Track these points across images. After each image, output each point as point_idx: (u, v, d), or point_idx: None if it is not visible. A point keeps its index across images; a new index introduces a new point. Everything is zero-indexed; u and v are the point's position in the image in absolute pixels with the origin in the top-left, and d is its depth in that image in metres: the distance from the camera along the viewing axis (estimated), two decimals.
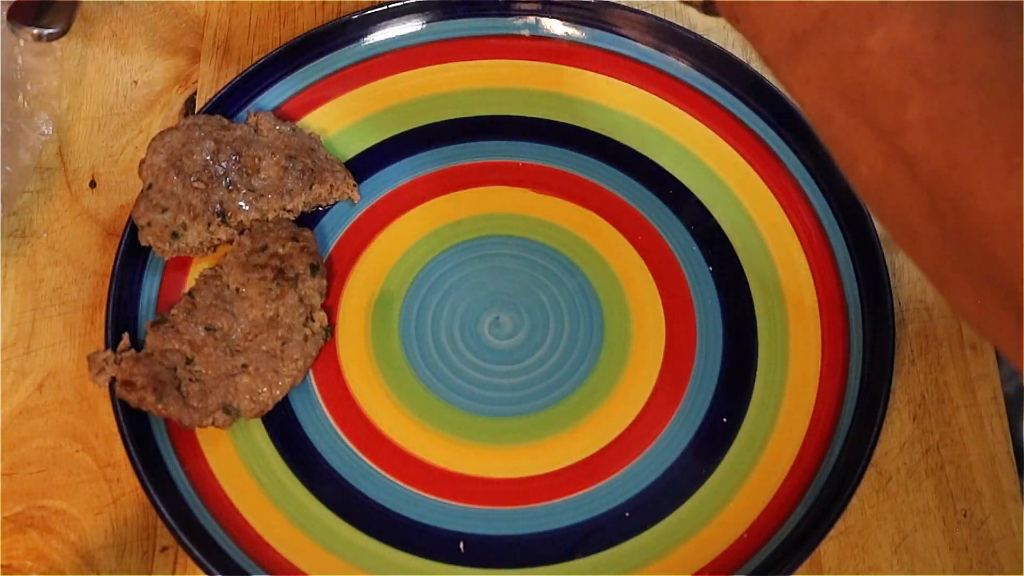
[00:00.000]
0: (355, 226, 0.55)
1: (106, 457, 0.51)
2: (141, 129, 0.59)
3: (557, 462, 0.50)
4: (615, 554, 0.48)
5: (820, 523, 0.47)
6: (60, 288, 0.55)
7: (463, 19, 0.60)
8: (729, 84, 0.58)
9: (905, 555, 0.48)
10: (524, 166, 0.56)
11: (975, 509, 0.49)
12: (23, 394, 0.52)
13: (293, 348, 0.50)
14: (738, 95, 0.57)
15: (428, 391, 0.51)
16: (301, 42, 0.58)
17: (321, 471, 0.50)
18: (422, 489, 0.49)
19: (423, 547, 0.48)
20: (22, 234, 0.56)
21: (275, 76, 0.58)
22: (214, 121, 0.55)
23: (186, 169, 0.53)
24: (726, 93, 0.58)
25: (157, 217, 0.52)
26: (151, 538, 0.49)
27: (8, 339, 0.54)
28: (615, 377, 0.51)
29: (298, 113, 0.58)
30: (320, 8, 0.63)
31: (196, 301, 0.51)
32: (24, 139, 0.56)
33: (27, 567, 0.48)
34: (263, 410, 0.50)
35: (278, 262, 0.52)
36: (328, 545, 0.48)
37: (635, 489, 0.49)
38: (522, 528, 0.48)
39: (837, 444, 0.49)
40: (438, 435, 0.50)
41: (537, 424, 0.51)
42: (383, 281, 0.54)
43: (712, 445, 0.50)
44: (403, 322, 0.53)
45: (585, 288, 0.54)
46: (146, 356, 0.49)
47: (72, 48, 0.61)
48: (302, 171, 0.54)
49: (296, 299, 0.51)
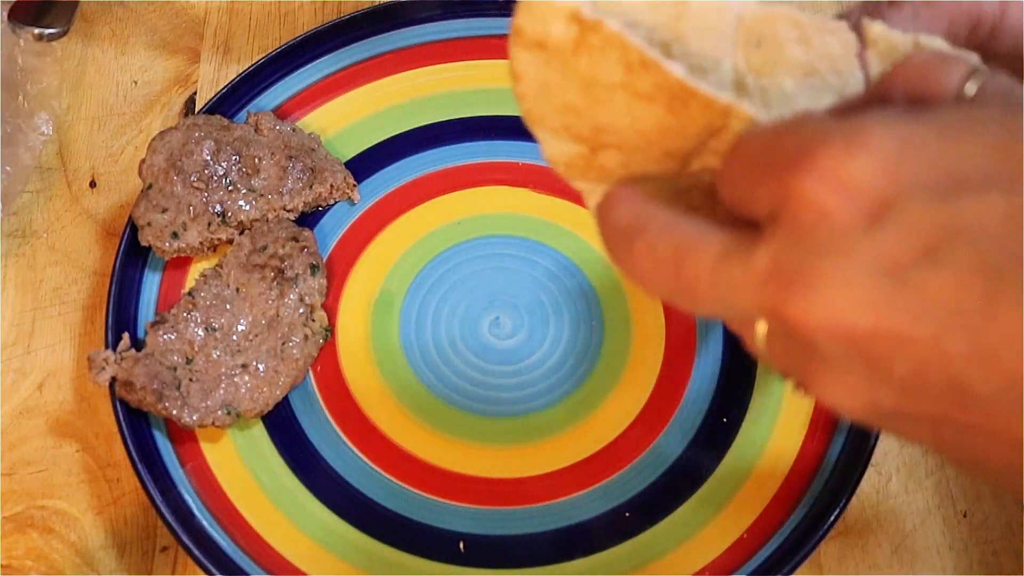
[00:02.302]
0: (355, 226, 0.55)
1: (106, 457, 0.51)
2: (141, 129, 0.59)
3: (557, 462, 0.50)
4: (615, 554, 0.48)
5: (820, 523, 0.46)
6: (60, 288, 0.55)
7: (463, 19, 0.60)
8: None
9: (905, 555, 0.48)
10: (524, 166, 0.56)
11: (975, 509, 0.49)
12: (23, 394, 0.52)
13: (293, 348, 0.50)
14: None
15: (428, 391, 0.51)
16: (301, 42, 0.58)
17: (321, 471, 0.50)
18: (422, 489, 0.49)
19: (423, 547, 0.48)
20: (22, 234, 0.56)
21: (275, 76, 0.58)
22: (214, 121, 0.55)
23: (186, 169, 0.53)
24: None
25: (157, 217, 0.52)
26: (151, 538, 0.49)
27: (8, 339, 0.54)
28: (615, 377, 0.51)
29: (298, 113, 0.58)
30: (320, 8, 0.63)
31: (196, 301, 0.51)
32: (24, 139, 0.56)
33: (27, 567, 0.48)
34: (263, 410, 0.50)
35: (278, 262, 0.52)
36: (328, 545, 0.48)
37: (635, 489, 0.49)
38: (522, 528, 0.48)
39: (837, 444, 0.49)
40: (438, 435, 0.50)
41: (537, 424, 0.51)
42: (383, 281, 0.54)
43: (712, 445, 0.50)
44: (403, 322, 0.53)
45: (585, 288, 0.54)
46: (146, 356, 0.49)
47: (72, 48, 0.61)
48: (302, 171, 0.54)
49: (296, 299, 0.51)
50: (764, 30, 0.34)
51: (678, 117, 0.31)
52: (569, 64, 0.30)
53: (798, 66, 0.34)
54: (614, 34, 0.29)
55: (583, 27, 0.29)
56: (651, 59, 0.29)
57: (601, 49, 0.30)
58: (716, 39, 0.33)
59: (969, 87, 0.27)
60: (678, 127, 0.31)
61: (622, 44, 0.29)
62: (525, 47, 0.31)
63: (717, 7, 0.33)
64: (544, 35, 0.30)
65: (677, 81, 0.30)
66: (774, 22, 0.34)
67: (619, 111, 0.31)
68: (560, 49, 0.30)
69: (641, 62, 0.30)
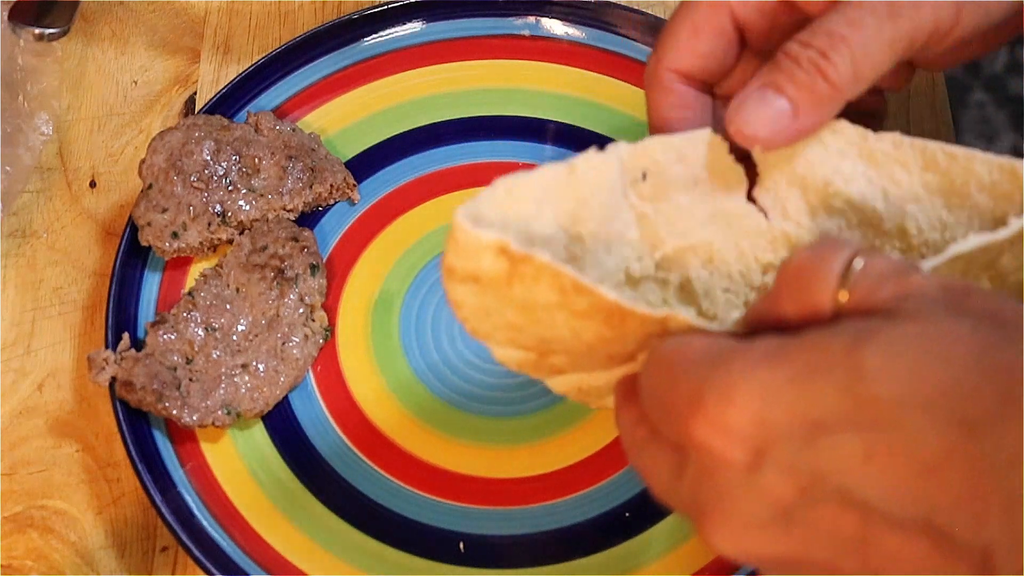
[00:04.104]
0: (355, 226, 0.55)
1: (106, 457, 0.51)
2: (141, 129, 0.59)
3: (557, 462, 0.50)
4: (615, 554, 0.48)
5: None
6: (60, 288, 0.55)
7: (463, 19, 0.60)
8: None
9: None
10: (524, 166, 0.56)
11: None
12: (23, 394, 0.52)
13: (293, 348, 0.50)
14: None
15: (428, 391, 0.51)
16: (301, 42, 0.58)
17: (321, 471, 0.49)
18: (422, 489, 0.49)
19: (423, 547, 0.48)
20: (22, 234, 0.56)
21: (275, 76, 0.58)
22: (214, 121, 0.55)
23: (186, 169, 0.53)
24: None
25: (157, 217, 0.52)
26: (151, 538, 0.49)
27: (8, 339, 0.54)
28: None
29: (298, 113, 0.58)
30: (320, 8, 0.63)
31: (196, 301, 0.51)
32: (24, 139, 0.56)
33: (27, 567, 0.48)
34: (263, 410, 0.50)
35: (278, 262, 0.52)
36: (328, 545, 0.48)
37: (635, 489, 0.49)
38: (522, 528, 0.48)
39: None
40: (438, 435, 0.50)
41: (537, 424, 0.51)
42: (383, 281, 0.54)
43: None
44: (403, 322, 0.53)
45: None
46: (146, 356, 0.49)
47: (72, 48, 0.61)
48: (302, 171, 0.54)
49: (296, 299, 0.51)
50: (643, 163, 0.37)
51: (617, 330, 0.32)
52: (504, 292, 0.31)
53: (683, 181, 0.37)
54: (544, 264, 0.30)
55: (512, 259, 0.30)
56: (584, 285, 0.30)
57: (534, 277, 0.31)
58: (610, 196, 0.35)
59: (842, 296, 0.29)
60: (619, 337, 0.33)
61: (553, 272, 0.30)
62: (459, 282, 0.32)
63: (600, 161, 0.35)
64: (476, 270, 0.31)
65: (612, 303, 0.31)
66: (649, 152, 0.37)
67: (560, 327, 0.32)
68: (494, 280, 0.31)
69: (574, 287, 0.31)
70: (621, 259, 0.36)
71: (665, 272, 0.37)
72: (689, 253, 0.38)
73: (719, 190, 0.38)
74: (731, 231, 0.38)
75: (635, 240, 0.37)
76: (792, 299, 0.30)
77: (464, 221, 0.30)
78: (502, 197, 0.32)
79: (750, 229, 0.38)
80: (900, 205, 0.37)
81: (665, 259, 0.37)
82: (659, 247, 0.37)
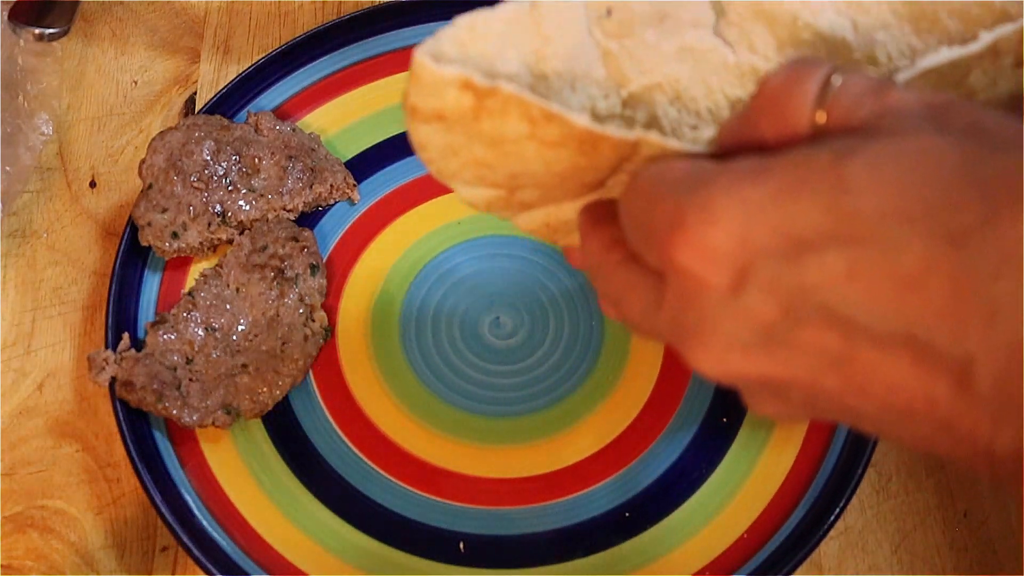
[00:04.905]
0: (355, 226, 0.55)
1: (106, 457, 0.51)
2: (141, 129, 0.59)
3: (557, 462, 0.50)
4: (615, 554, 0.48)
5: (820, 523, 0.46)
6: (60, 288, 0.55)
7: None
8: None
9: (905, 555, 0.49)
10: None
11: (975, 509, 0.49)
12: (23, 394, 0.52)
13: (293, 348, 0.50)
14: None
15: (428, 391, 0.51)
16: (301, 42, 0.58)
17: (321, 471, 0.50)
18: (422, 489, 0.49)
19: (423, 547, 0.48)
20: (22, 234, 0.56)
21: (275, 76, 0.58)
22: (214, 121, 0.55)
23: (186, 169, 0.53)
24: None
25: (157, 217, 0.52)
26: (151, 538, 0.49)
27: (8, 339, 0.54)
28: (615, 377, 0.51)
29: (298, 113, 0.58)
30: (320, 8, 0.63)
31: (196, 301, 0.51)
32: (24, 139, 0.56)
33: (27, 567, 0.48)
34: (263, 410, 0.50)
35: (278, 262, 0.52)
36: (328, 545, 0.48)
37: (635, 489, 0.49)
38: (522, 528, 0.48)
39: (837, 444, 0.49)
40: (438, 435, 0.50)
41: (537, 424, 0.51)
42: (383, 281, 0.54)
43: (712, 445, 0.50)
44: (403, 322, 0.53)
45: (585, 288, 0.54)
46: (146, 356, 0.49)
47: (72, 48, 0.61)
48: (302, 171, 0.54)
49: (296, 299, 0.51)
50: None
51: (589, 157, 0.32)
52: (471, 128, 0.31)
53: (649, 16, 0.36)
54: (511, 95, 0.30)
55: (478, 94, 0.30)
56: (554, 112, 0.30)
57: (501, 111, 0.30)
58: (575, 33, 0.34)
59: (820, 117, 0.29)
60: (591, 164, 0.32)
61: (521, 103, 0.30)
62: (423, 121, 0.31)
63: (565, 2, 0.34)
64: (440, 108, 0.30)
65: (584, 129, 0.30)
66: None
67: (531, 160, 0.32)
68: (460, 116, 0.31)
69: (544, 116, 0.30)
70: (587, 97, 0.35)
71: (632, 110, 0.37)
72: (656, 90, 0.37)
73: (686, 25, 0.37)
74: (699, 66, 0.37)
75: (601, 78, 0.35)
76: (769, 120, 0.29)
77: (425, 58, 0.29)
78: (464, 34, 0.31)
79: (718, 64, 0.37)
80: (869, 33, 0.36)
81: (632, 97, 0.36)
82: (625, 85, 0.36)
